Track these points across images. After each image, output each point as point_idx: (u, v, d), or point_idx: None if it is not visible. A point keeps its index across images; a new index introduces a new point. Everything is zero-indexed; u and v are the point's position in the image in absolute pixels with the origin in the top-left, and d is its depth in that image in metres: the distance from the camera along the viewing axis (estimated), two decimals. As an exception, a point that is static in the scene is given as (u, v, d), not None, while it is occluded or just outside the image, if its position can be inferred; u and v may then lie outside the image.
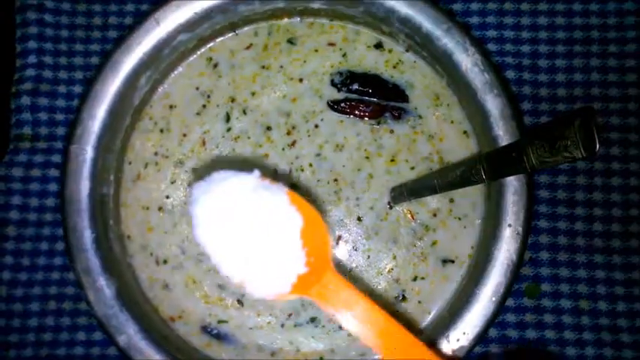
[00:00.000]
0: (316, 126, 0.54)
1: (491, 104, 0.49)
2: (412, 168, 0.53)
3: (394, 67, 0.54)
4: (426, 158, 0.53)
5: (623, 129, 0.53)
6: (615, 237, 0.52)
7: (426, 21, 0.50)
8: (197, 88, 0.54)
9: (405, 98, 0.54)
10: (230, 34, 0.55)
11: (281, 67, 0.54)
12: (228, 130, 0.54)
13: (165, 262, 0.53)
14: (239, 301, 0.53)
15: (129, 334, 0.48)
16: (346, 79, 0.54)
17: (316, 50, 0.54)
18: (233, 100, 0.54)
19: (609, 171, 0.53)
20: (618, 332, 0.52)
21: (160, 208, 0.54)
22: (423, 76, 0.54)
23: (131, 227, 0.53)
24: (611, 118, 0.53)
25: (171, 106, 0.54)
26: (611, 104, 0.53)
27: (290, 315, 0.52)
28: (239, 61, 0.55)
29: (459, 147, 0.53)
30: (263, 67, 0.54)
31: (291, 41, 0.54)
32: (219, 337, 0.52)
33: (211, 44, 0.55)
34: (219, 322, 0.53)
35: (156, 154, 0.54)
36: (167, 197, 0.54)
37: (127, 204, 0.53)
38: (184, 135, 0.54)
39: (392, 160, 0.53)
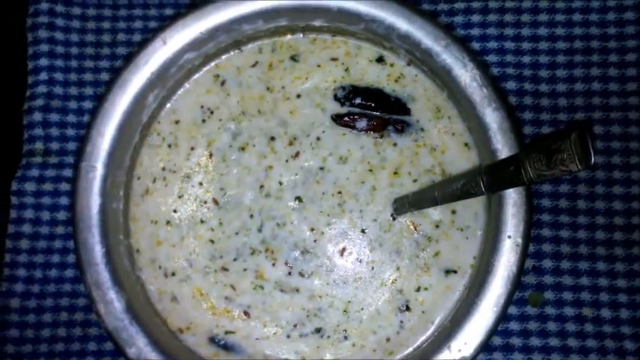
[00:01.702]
0: (319, 139, 0.55)
1: (490, 118, 0.50)
2: (415, 180, 0.54)
3: (396, 80, 0.55)
4: (428, 171, 0.54)
5: (624, 138, 0.54)
6: (617, 245, 0.53)
7: (425, 37, 0.51)
8: (202, 106, 0.56)
9: (407, 111, 0.54)
10: (235, 51, 0.56)
11: (284, 85, 0.55)
12: (233, 143, 0.55)
13: (173, 274, 0.54)
14: (245, 313, 0.54)
15: (139, 346, 0.49)
16: (349, 94, 0.55)
17: (319, 65, 0.55)
18: (240, 116, 0.55)
19: (611, 180, 0.53)
20: (622, 339, 0.52)
21: (168, 222, 0.55)
22: (424, 89, 0.54)
23: (140, 241, 0.54)
24: (612, 127, 0.54)
25: (177, 122, 0.55)
26: (612, 113, 0.54)
27: (295, 325, 0.53)
28: (246, 79, 0.56)
29: (461, 159, 0.54)
30: (268, 88, 0.55)
31: (294, 58, 0.55)
32: (227, 347, 0.53)
33: (217, 61, 0.56)
34: (227, 332, 0.54)
35: (164, 169, 0.55)
36: (174, 211, 0.55)
37: (136, 218, 0.54)
38: (192, 148, 0.55)
39: (395, 173, 0.54)
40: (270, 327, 0.53)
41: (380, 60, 0.55)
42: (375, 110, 0.54)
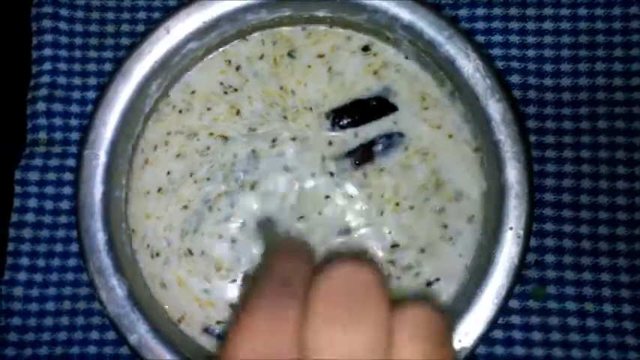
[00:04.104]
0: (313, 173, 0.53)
1: (493, 109, 0.49)
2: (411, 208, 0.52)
3: (375, 72, 0.53)
4: (422, 186, 0.52)
5: (628, 133, 0.53)
6: (620, 240, 0.53)
7: (428, 28, 0.50)
8: (221, 83, 0.54)
9: (393, 108, 0.53)
10: (237, 41, 0.55)
11: (294, 90, 0.54)
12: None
13: (157, 254, 0.53)
14: (231, 305, 0.52)
15: (140, 333, 0.49)
16: (335, 118, 0.53)
17: (309, 66, 0.54)
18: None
19: (614, 175, 0.53)
20: (624, 334, 0.52)
21: (159, 190, 0.53)
22: (407, 80, 0.53)
23: (136, 220, 0.53)
24: (616, 122, 0.54)
25: (193, 92, 0.54)
26: (617, 108, 0.54)
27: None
28: (259, 70, 0.54)
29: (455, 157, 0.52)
30: (282, 87, 0.54)
31: (291, 54, 0.54)
32: (222, 337, 0.52)
33: (222, 50, 0.55)
34: (218, 322, 0.52)
35: (169, 133, 0.54)
36: (168, 173, 0.53)
37: (135, 188, 0.53)
38: (208, 109, 0.53)
39: (397, 204, 0.52)
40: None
41: (366, 49, 0.54)
42: (364, 122, 0.52)
